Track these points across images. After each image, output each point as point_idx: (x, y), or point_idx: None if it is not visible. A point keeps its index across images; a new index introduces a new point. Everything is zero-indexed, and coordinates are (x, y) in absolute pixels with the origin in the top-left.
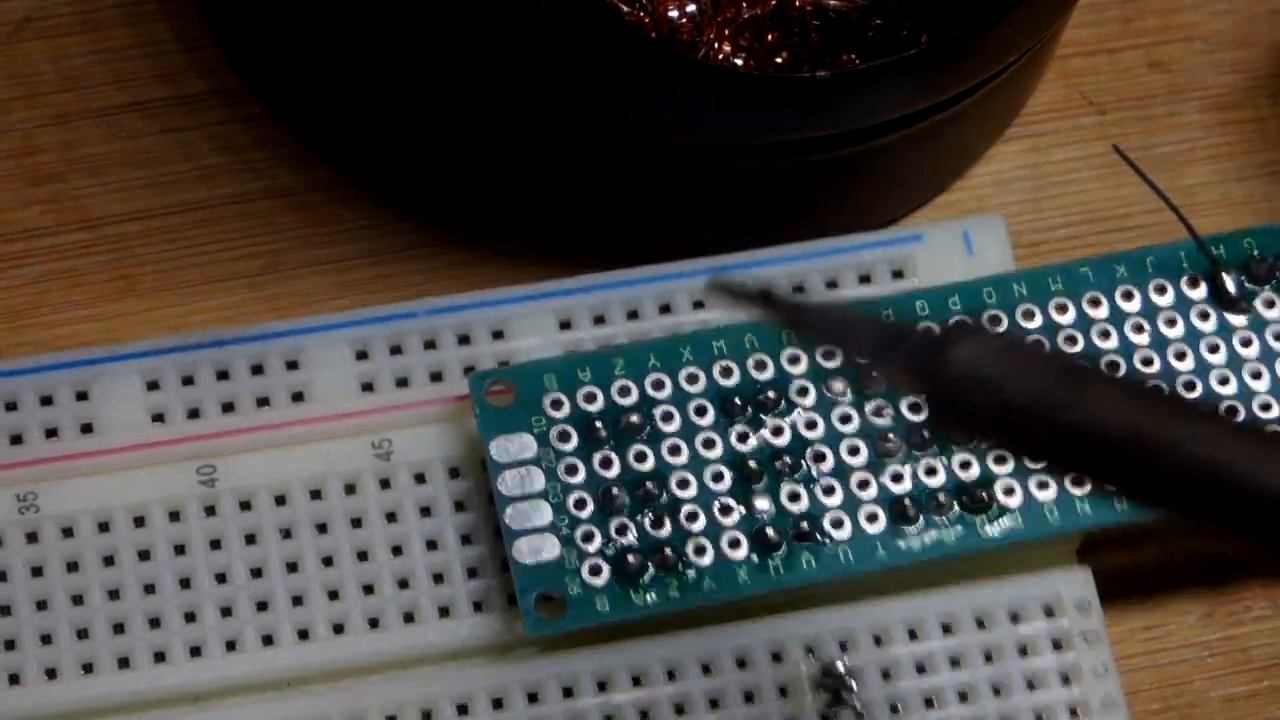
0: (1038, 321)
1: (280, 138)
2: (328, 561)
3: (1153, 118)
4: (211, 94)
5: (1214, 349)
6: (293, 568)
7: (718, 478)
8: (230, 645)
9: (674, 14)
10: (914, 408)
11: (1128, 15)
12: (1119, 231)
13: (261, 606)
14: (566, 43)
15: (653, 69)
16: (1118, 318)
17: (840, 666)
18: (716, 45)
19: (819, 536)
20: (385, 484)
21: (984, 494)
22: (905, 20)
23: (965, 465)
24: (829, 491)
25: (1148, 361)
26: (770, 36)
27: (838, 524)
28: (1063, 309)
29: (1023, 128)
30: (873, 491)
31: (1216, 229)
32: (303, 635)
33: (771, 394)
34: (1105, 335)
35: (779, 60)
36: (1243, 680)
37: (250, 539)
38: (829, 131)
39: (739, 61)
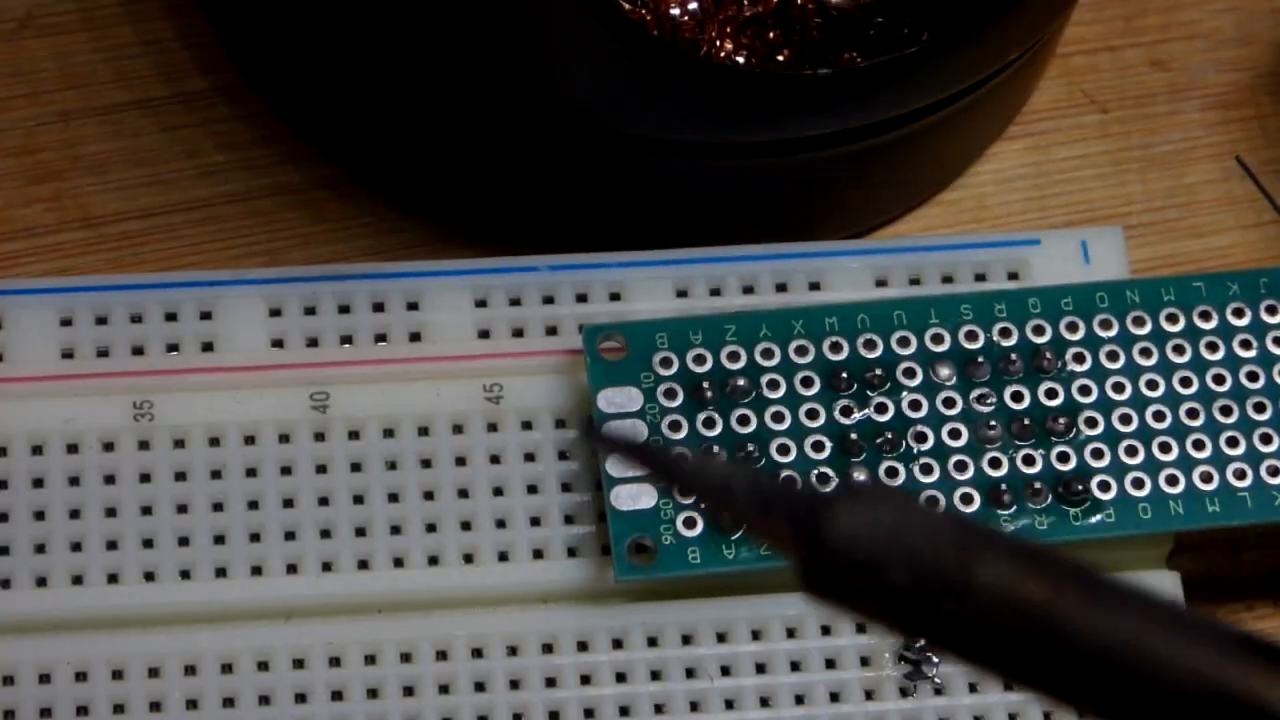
0: (1148, 328)
1: (282, 135)
2: (429, 496)
3: (1154, 116)
4: (213, 92)
5: None
6: (394, 498)
7: (818, 447)
8: (326, 566)
9: (676, 12)
10: (1016, 397)
11: (1129, 13)
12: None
13: (360, 532)
14: (569, 40)
15: (655, 67)
16: (1228, 332)
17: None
18: (718, 43)
19: None
20: (493, 427)
21: (1079, 486)
22: (907, 18)
23: (1063, 458)
24: (926, 470)
25: (1254, 377)
26: (772, 34)
27: (932, 501)
28: (1173, 319)
29: (1024, 126)
30: (969, 474)
31: (1218, 227)
32: (398, 563)
33: (879, 372)
34: (1213, 348)
35: (781, 58)
36: None
37: (356, 467)
38: (830, 129)
39: (741, 59)
